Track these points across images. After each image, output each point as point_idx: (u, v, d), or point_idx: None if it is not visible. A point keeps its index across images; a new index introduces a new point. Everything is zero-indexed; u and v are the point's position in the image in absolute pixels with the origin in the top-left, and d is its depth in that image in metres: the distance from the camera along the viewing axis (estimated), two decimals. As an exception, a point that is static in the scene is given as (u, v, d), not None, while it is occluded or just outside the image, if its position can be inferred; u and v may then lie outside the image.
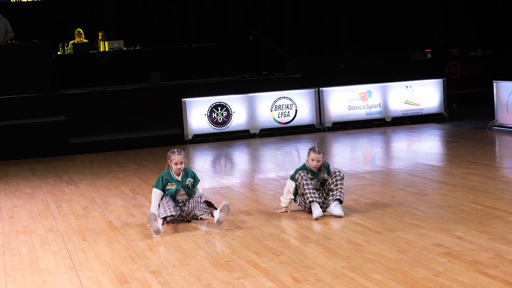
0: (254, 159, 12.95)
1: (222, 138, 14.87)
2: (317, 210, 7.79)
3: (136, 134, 14.97)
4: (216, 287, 5.77)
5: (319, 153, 8.03)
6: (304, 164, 8.16)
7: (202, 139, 14.82)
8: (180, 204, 7.96)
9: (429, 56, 18.29)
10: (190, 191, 8.01)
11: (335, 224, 7.58)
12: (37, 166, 12.94)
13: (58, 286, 6.06)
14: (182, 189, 7.99)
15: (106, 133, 15.05)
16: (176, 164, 7.95)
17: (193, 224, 7.90)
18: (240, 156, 13.30)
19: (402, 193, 8.88)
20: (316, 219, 7.77)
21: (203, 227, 7.73)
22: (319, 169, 8.07)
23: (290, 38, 20.16)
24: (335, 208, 7.86)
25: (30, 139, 14.06)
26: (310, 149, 8.13)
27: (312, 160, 8.02)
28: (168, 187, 7.94)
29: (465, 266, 5.92)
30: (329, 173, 8.13)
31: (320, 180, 8.09)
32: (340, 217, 7.79)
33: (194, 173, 8.16)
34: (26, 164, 13.23)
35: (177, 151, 8.02)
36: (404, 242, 6.74)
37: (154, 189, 8.00)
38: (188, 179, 8.01)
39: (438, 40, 19.48)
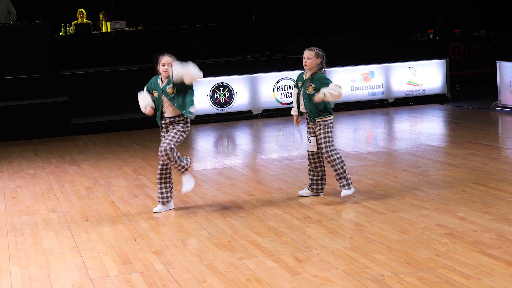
0: (257, 139, 12.94)
1: (224, 119, 14.86)
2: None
3: (138, 115, 14.81)
4: (219, 267, 5.79)
5: (310, 49, 7.86)
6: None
7: (204, 119, 14.80)
8: (163, 132, 7.58)
9: (431, 36, 18.24)
10: (173, 100, 7.45)
11: (337, 204, 7.59)
12: (39, 146, 12.95)
13: (61, 266, 6.08)
14: (166, 101, 7.46)
15: (109, 113, 15.05)
16: (163, 65, 7.38)
17: (195, 204, 7.91)
18: (242, 137, 13.29)
19: (404, 174, 8.88)
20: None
21: (205, 207, 7.75)
22: (306, 80, 7.83)
23: (291, 18, 20.07)
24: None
25: (32, 120, 14.06)
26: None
27: (303, 58, 7.86)
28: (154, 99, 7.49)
29: (467, 246, 5.93)
30: (320, 85, 7.79)
31: (307, 91, 7.79)
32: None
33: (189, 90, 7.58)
34: (29, 144, 13.24)
35: (167, 54, 7.45)
36: (406, 222, 6.74)
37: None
38: (169, 86, 7.42)
39: (441, 20, 19.40)
